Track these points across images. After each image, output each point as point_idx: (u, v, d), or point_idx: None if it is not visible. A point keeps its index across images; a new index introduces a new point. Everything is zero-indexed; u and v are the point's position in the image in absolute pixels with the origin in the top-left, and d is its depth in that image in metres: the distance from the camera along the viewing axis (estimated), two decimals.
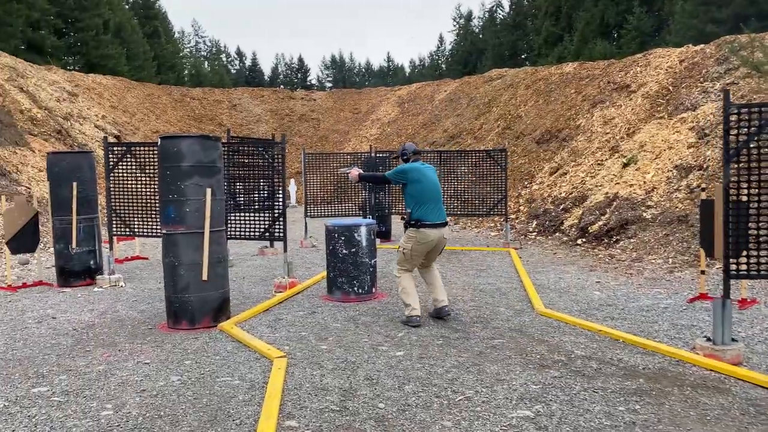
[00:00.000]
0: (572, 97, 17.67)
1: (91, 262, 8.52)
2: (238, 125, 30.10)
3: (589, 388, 4.03)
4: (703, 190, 7.13)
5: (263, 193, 9.08)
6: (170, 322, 5.90)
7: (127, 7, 45.30)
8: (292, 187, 25.83)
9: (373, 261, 7.12)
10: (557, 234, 12.13)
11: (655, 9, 37.00)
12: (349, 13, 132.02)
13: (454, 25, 64.04)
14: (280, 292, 7.48)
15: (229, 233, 8.71)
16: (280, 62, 70.44)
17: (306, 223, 12.69)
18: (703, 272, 6.80)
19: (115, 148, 8.48)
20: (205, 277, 5.78)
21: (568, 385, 4.11)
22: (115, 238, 9.71)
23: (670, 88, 13.85)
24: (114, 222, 8.59)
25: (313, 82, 69.55)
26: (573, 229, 11.76)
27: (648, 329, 5.57)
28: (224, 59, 66.40)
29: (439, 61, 66.99)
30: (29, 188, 13.33)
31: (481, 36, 59.16)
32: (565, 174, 14.10)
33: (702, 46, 14.81)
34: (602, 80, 16.98)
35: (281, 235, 7.96)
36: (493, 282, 8.08)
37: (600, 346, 5.04)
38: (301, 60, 68.81)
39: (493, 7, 61.09)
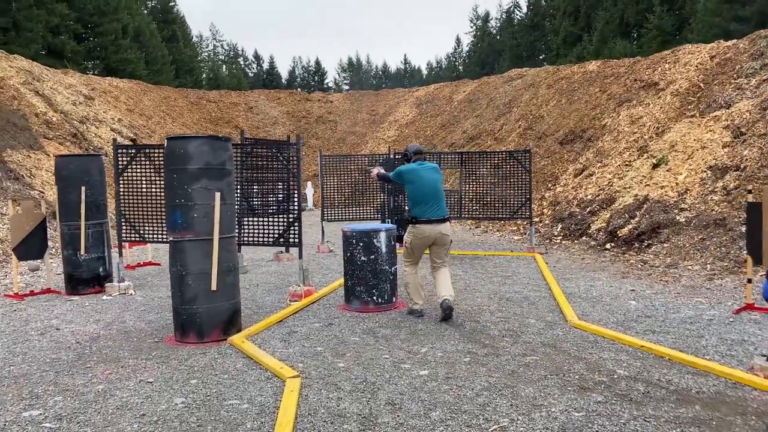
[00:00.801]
0: (596, 96, 17.11)
1: (100, 269, 8.23)
2: (254, 128, 29.90)
3: (639, 417, 3.58)
4: (749, 192, 6.61)
5: (278, 196, 8.72)
6: (177, 334, 5.55)
7: (145, 11, 45.53)
8: (309, 189, 25.53)
9: (393, 268, 6.71)
10: (584, 238, 11.62)
11: (676, 8, 36.23)
12: (366, 14, 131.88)
13: (471, 27, 63.53)
14: (295, 301, 7.10)
15: (242, 239, 8.37)
16: (297, 65, 70.29)
17: (323, 227, 12.32)
18: (749, 281, 6.29)
19: (124, 151, 8.18)
20: (214, 287, 5.41)
21: (614, 412, 3.66)
22: (126, 243, 9.43)
23: (702, 85, 13.25)
24: (124, 227, 8.29)
25: (330, 84, 69.40)
26: (601, 233, 11.25)
27: (694, 344, 5.09)
28: (242, 63, 66.53)
29: (456, 63, 66.49)
30: (42, 192, 13.14)
31: (498, 37, 58.57)
32: (591, 175, 13.57)
33: (734, 41, 14.19)
34: (628, 78, 16.40)
35: (296, 240, 7.58)
36: (520, 290, 7.63)
37: (644, 364, 4.57)
38: (318, 63, 68.64)
39: (510, 7, 60.39)
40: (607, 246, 10.64)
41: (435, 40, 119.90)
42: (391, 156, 12.54)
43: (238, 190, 8.72)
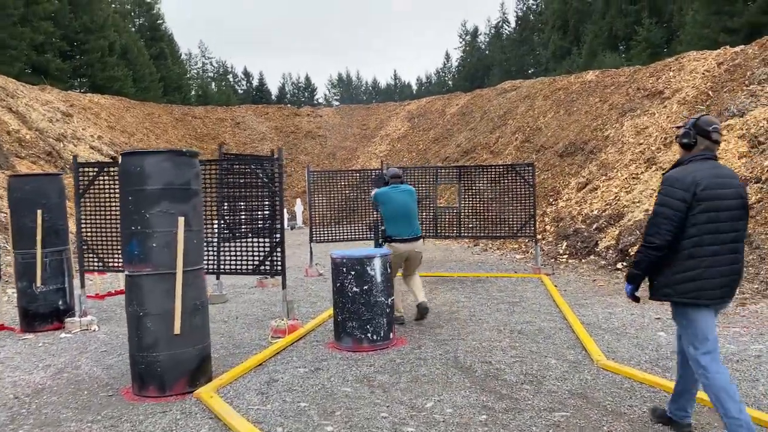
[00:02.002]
0: (597, 106, 16.43)
1: (60, 303, 7.32)
2: (242, 144, 29.08)
3: None
4: None
5: (258, 214, 7.85)
6: (135, 387, 4.66)
7: (133, 29, 44.86)
8: (298, 207, 24.69)
9: (390, 300, 5.86)
10: (592, 257, 10.82)
11: (664, 20, 36.12)
12: (356, 31, 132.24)
13: (461, 42, 63.35)
14: (279, 337, 6.23)
15: (221, 267, 7.51)
16: (287, 81, 69.83)
17: (311, 249, 11.45)
18: None
19: (86, 169, 7.31)
20: (177, 330, 4.54)
21: None
22: (95, 271, 8.53)
23: (710, 92, 12.58)
24: (86, 255, 7.39)
25: (321, 100, 68.92)
26: (610, 252, 10.45)
27: (750, 391, 4.27)
28: (231, 80, 65.85)
29: (446, 78, 66.22)
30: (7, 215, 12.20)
31: (487, 52, 58.38)
32: (596, 189, 12.82)
33: (742, 46, 13.57)
34: (630, 87, 15.74)
35: (279, 268, 6.71)
36: (532, 320, 6.79)
37: (700, 422, 3.74)
38: (308, 79, 68.31)
39: (498, 22, 60.35)
40: (619, 266, 9.83)
41: (424, 55, 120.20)
42: (384, 171, 11.75)
43: (217, 211, 7.89)
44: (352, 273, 5.71)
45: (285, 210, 25.63)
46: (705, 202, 3.20)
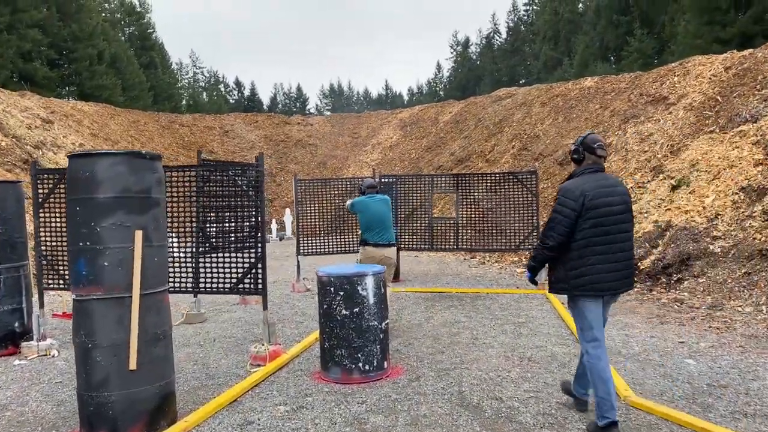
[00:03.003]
0: (597, 112, 15.85)
1: (16, 324, 6.55)
2: (230, 152, 28.32)
3: None
4: None
5: (239, 226, 7.13)
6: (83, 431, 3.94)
7: (123, 38, 44.20)
8: (287, 217, 23.96)
9: (384, 324, 5.16)
10: None
11: (655, 31, 35.93)
12: (348, 41, 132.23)
13: (452, 52, 63.18)
14: (258, 365, 5.51)
15: (198, 285, 6.78)
16: (279, 91, 69.41)
17: (299, 263, 10.71)
18: None
19: (46, 176, 6.59)
20: (133, 364, 3.83)
21: None
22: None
23: (719, 98, 12.02)
24: (45, 271, 6.66)
25: (312, 110, 68.44)
26: None
27: None
28: (222, 89, 65.22)
29: (437, 88, 65.97)
30: None
31: (478, 62, 58.19)
32: None
33: (751, 50, 13.05)
34: (632, 93, 15.18)
35: (260, 287, 6.00)
36: (542, 344, 6.11)
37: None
38: (299, 89, 67.98)
39: (490, 33, 60.22)
40: None
41: (416, 66, 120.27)
42: (375, 180, 11.07)
43: (195, 223, 7.16)
44: (341, 293, 5.01)
45: (274, 220, 24.78)
46: (592, 210, 3.71)
